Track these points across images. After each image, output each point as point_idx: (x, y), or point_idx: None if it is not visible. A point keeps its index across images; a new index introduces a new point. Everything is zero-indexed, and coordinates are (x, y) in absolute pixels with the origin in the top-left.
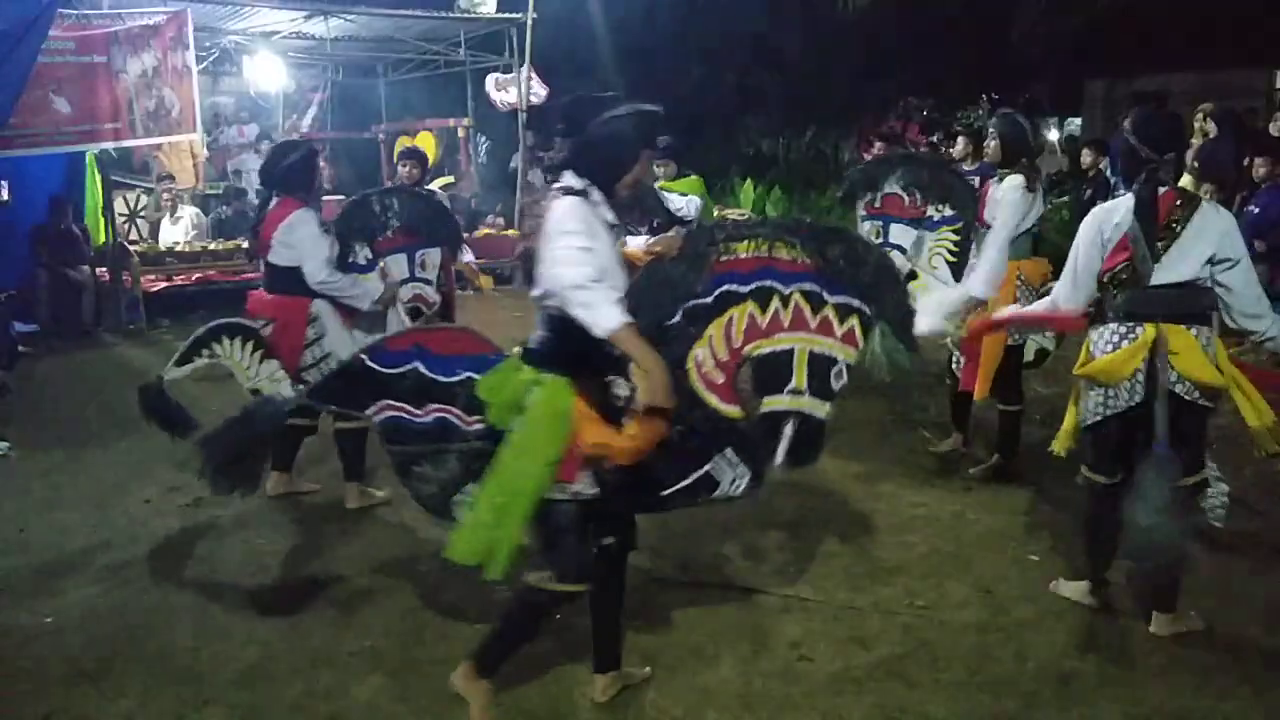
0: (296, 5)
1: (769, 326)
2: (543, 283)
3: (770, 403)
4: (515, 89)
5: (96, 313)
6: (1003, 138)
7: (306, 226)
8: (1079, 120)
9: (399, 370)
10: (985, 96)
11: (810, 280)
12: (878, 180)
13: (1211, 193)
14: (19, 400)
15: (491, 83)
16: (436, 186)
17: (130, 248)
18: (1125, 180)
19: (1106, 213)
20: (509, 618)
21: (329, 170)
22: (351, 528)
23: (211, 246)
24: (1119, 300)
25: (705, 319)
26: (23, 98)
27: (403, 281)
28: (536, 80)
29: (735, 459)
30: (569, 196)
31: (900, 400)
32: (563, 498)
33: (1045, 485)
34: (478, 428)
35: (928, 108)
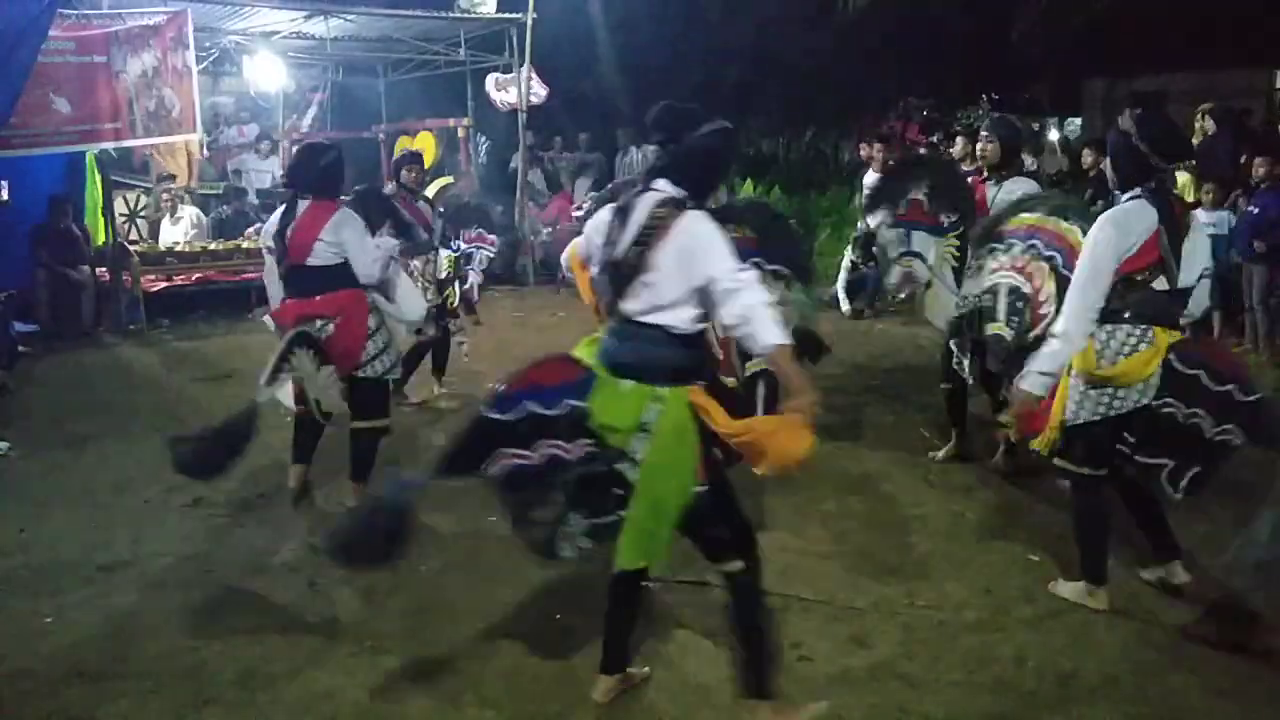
0: (296, 5)
1: None
2: (660, 296)
3: (751, 366)
4: (515, 89)
5: (96, 313)
6: (1001, 140)
7: (353, 225)
8: (1079, 120)
9: (515, 416)
10: (985, 96)
11: (757, 254)
12: (903, 189)
13: (1213, 192)
14: (19, 400)
15: (491, 83)
16: (436, 187)
17: (130, 248)
18: (1125, 183)
19: (1127, 220)
20: (741, 622)
21: None
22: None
23: (211, 246)
24: (1130, 302)
25: None
26: (23, 98)
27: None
28: (536, 80)
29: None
30: (698, 212)
31: (900, 400)
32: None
33: (1045, 485)
34: (582, 454)
35: (928, 108)
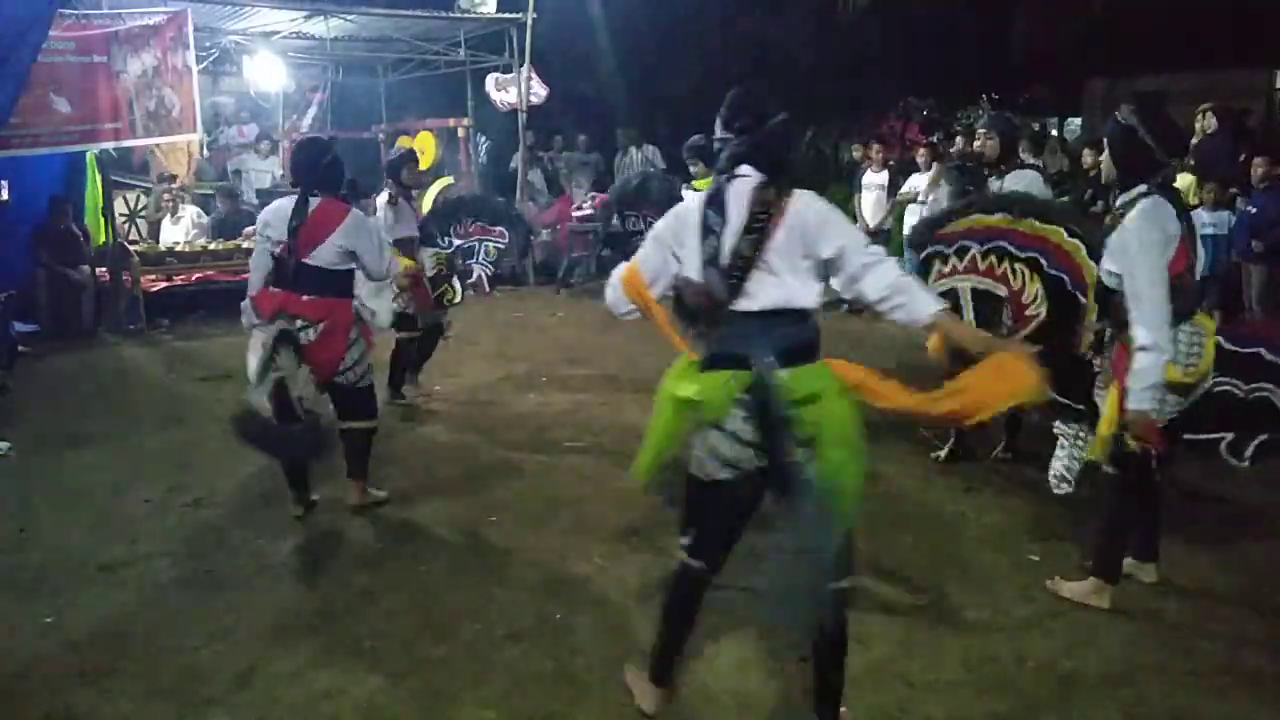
0: (296, 5)
1: None
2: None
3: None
4: (515, 89)
5: (96, 313)
6: (1000, 135)
7: (367, 227)
8: (1079, 120)
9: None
10: (985, 96)
11: None
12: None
13: (1214, 192)
14: (19, 400)
15: (491, 83)
16: (437, 187)
17: (130, 248)
18: (1128, 178)
19: (1161, 218)
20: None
21: None
22: (352, 527)
23: (211, 246)
24: (1178, 304)
25: None
26: (23, 98)
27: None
28: (536, 80)
29: None
30: (808, 192)
31: None
32: None
33: (1044, 485)
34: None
35: (928, 108)
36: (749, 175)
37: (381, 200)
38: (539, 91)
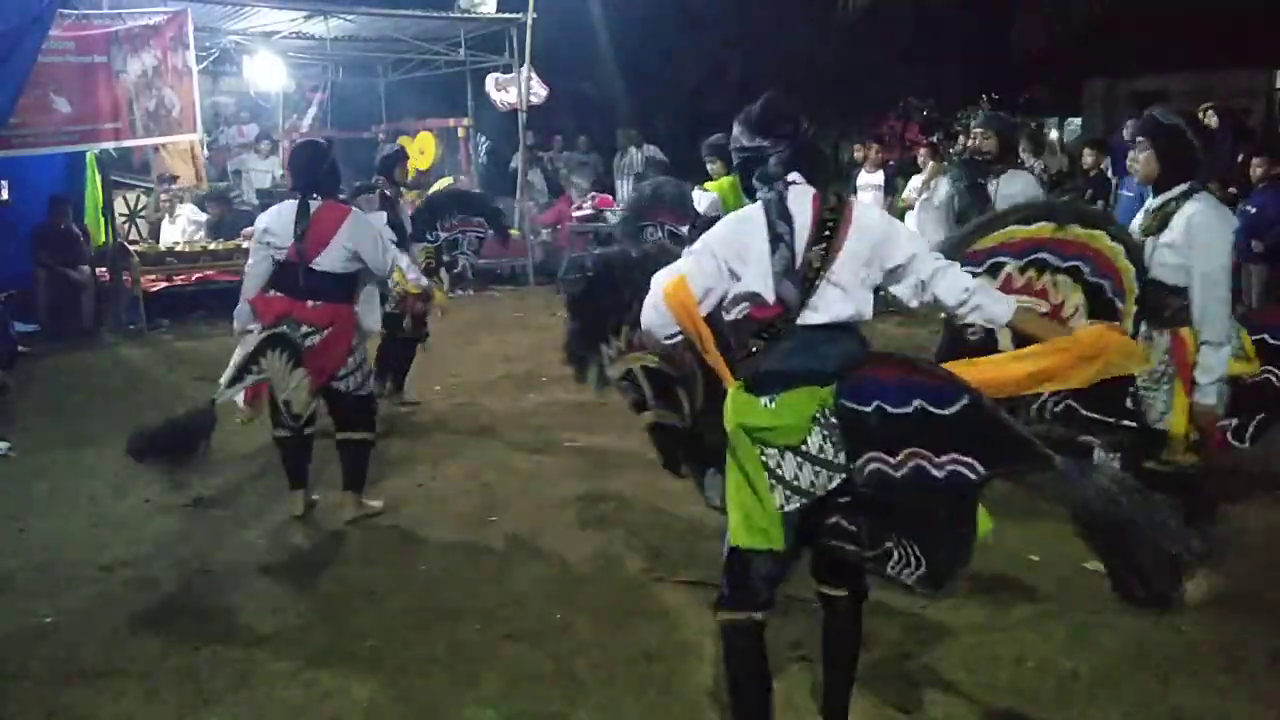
0: (296, 5)
1: None
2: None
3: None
4: (515, 89)
5: (96, 313)
6: (998, 134)
7: (367, 225)
8: (1079, 120)
9: None
10: (985, 96)
11: None
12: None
13: (1214, 191)
14: (19, 400)
15: (491, 83)
16: (437, 187)
17: (130, 248)
18: (1170, 178)
19: (1226, 213)
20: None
21: None
22: (352, 528)
23: (211, 246)
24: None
25: None
26: (23, 98)
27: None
28: (536, 80)
29: None
30: (861, 202)
31: None
32: None
33: (1044, 486)
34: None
35: (928, 108)
36: (801, 183)
37: (374, 200)
38: (539, 91)
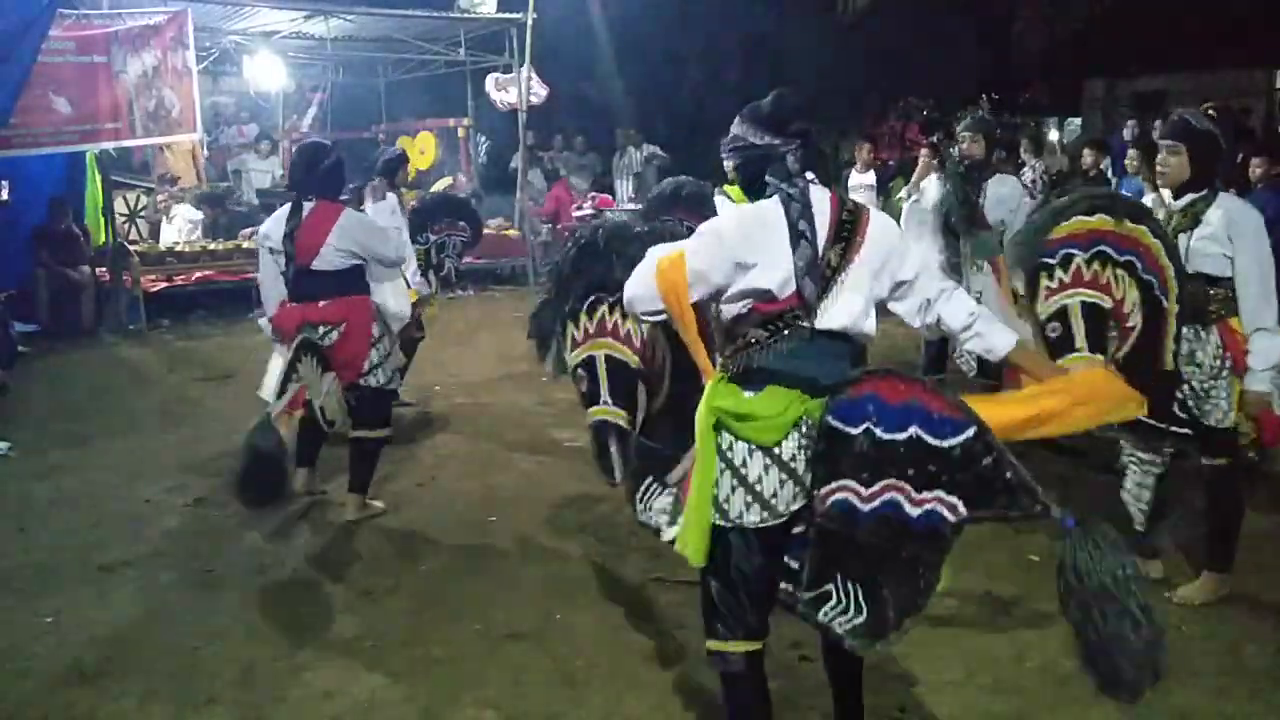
0: (296, 5)
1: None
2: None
3: (594, 412)
4: (515, 89)
5: (96, 313)
6: (986, 138)
7: (361, 222)
8: (1079, 120)
9: None
10: (985, 96)
11: None
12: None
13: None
14: (19, 400)
15: (491, 83)
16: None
17: (130, 248)
18: (1199, 179)
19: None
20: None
21: None
22: (352, 528)
23: (211, 246)
24: None
25: None
26: (23, 98)
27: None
28: (536, 80)
29: None
30: (876, 210)
31: None
32: None
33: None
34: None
35: (928, 108)
36: (816, 183)
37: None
38: (539, 91)
